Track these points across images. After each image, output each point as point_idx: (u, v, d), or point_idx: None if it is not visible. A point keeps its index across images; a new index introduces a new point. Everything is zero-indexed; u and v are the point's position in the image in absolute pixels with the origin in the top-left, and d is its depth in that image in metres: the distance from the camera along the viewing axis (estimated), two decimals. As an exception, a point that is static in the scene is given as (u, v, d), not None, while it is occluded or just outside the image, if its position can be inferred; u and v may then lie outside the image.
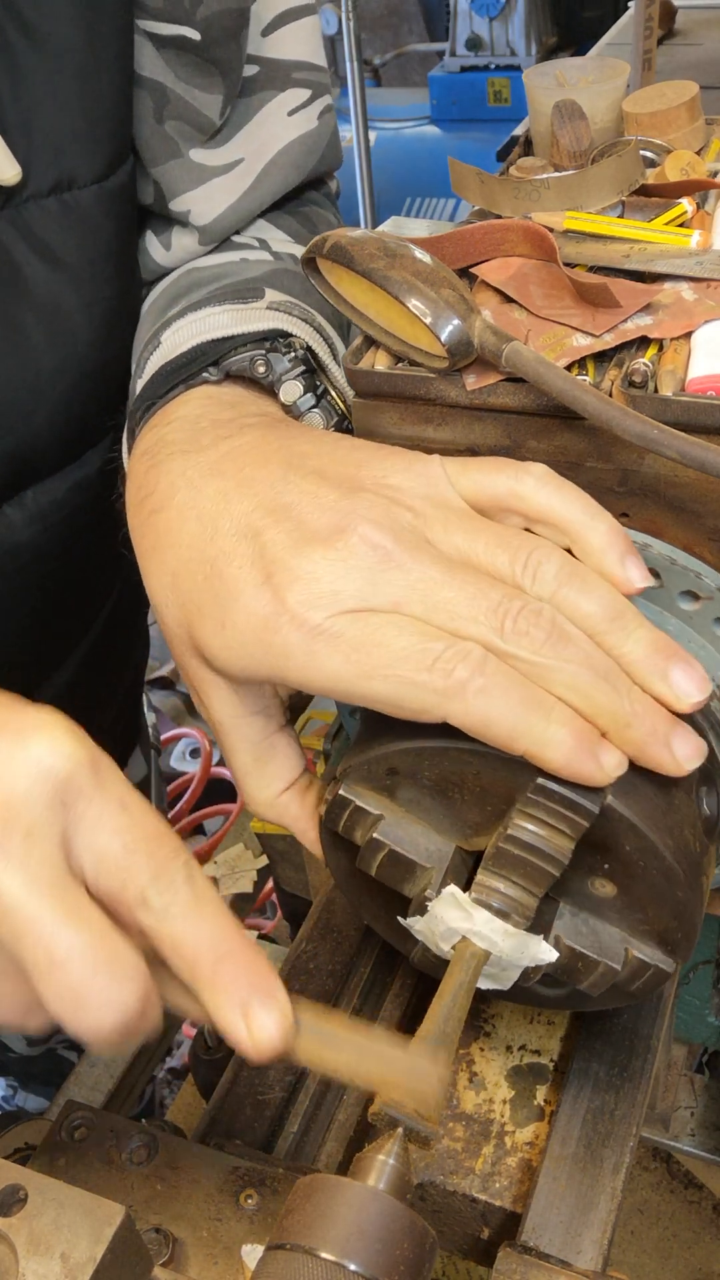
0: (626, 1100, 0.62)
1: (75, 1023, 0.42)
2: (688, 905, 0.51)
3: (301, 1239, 0.42)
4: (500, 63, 3.73)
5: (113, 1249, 0.42)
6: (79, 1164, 0.55)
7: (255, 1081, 0.66)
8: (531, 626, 0.46)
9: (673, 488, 0.54)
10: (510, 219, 0.61)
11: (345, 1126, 0.64)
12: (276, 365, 0.61)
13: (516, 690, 0.45)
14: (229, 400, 0.60)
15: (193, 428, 0.57)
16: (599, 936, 0.53)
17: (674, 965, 0.53)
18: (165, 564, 0.52)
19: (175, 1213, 0.53)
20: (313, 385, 0.62)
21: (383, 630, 0.46)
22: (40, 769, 0.43)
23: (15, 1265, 0.41)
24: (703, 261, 0.57)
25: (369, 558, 0.46)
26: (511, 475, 0.50)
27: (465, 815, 0.53)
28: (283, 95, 0.78)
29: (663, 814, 0.50)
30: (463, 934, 0.53)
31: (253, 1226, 0.52)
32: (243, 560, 0.48)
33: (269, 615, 0.47)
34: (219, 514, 0.50)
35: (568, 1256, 0.55)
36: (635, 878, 0.51)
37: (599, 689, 0.46)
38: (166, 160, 0.75)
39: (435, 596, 0.46)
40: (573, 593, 0.47)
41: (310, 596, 0.46)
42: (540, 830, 0.49)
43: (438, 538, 0.48)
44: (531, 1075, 0.65)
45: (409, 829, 0.53)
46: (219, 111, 0.74)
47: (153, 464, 0.56)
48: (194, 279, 0.73)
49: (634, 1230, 1.01)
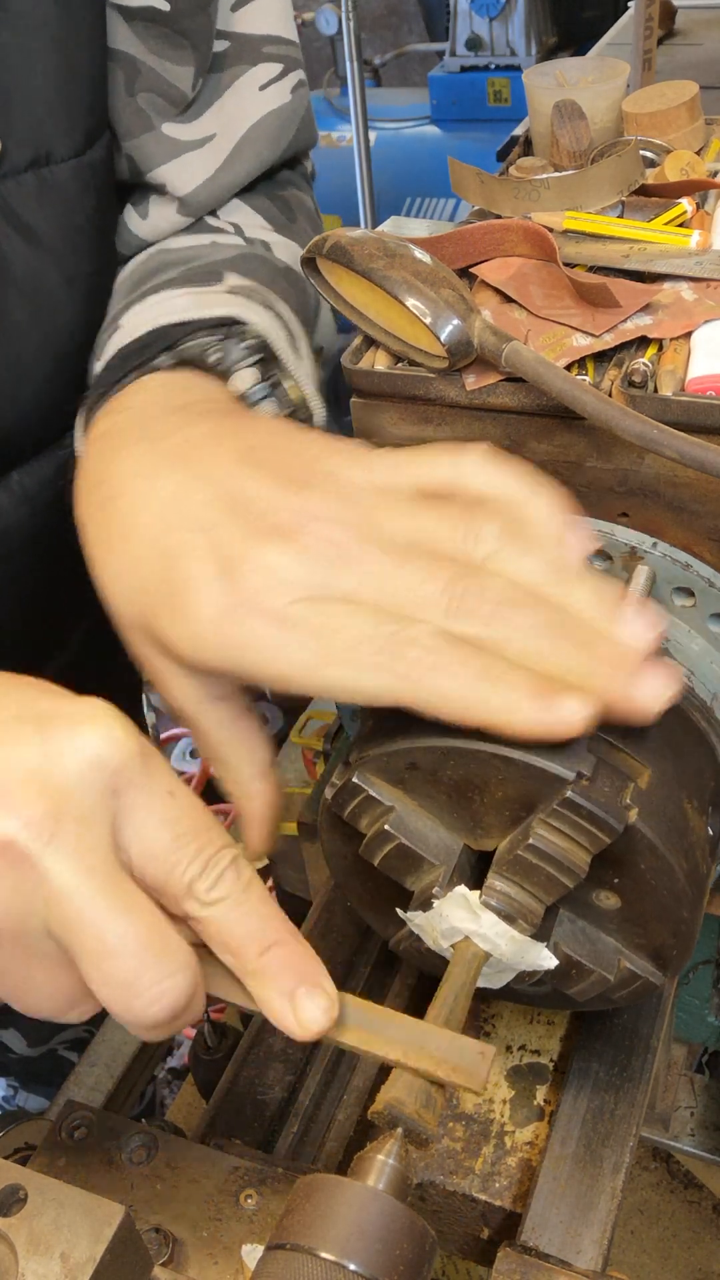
0: (626, 1100, 0.62)
1: (126, 1012, 0.43)
2: (690, 925, 0.51)
3: (301, 1239, 0.42)
4: (500, 63, 3.72)
5: (112, 1249, 0.42)
6: (79, 1164, 0.55)
7: (255, 1081, 0.66)
8: (479, 602, 0.46)
9: (673, 488, 0.54)
10: (510, 219, 0.61)
11: (345, 1126, 0.64)
12: (230, 353, 0.62)
13: (467, 664, 0.45)
14: (181, 386, 0.59)
15: (144, 415, 0.57)
16: (595, 946, 0.54)
17: (663, 980, 0.54)
18: (118, 554, 0.52)
19: (175, 1213, 0.53)
20: (268, 374, 0.62)
21: (339, 617, 0.46)
22: (92, 758, 0.43)
23: (15, 1265, 0.41)
24: (702, 261, 0.57)
25: (324, 552, 0.47)
26: (452, 460, 0.51)
27: (480, 816, 0.52)
28: (254, 70, 0.78)
29: (680, 835, 0.50)
30: (466, 934, 0.53)
31: (253, 1226, 0.52)
32: (200, 552, 0.48)
33: (228, 606, 0.47)
34: (174, 506, 0.50)
35: (568, 1256, 0.55)
36: (643, 895, 0.51)
37: (555, 647, 0.46)
38: (140, 134, 0.75)
39: (387, 584, 0.47)
40: (515, 551, 0.48)
41: (269, 585, 0.47)
42: (561, 842, 0.49)
43: (386, 525, 0.49)
44: (531, 1075, 0.65)
45: (420, 823, 0.53)
46: (191, 84, 0.74)
47: (104, 452, 0.56)
48: (162, 260, 0.73)
49: (634, 1230, 1.01)
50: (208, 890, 0.45)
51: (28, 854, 0.41)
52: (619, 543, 0.56)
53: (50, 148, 0.69)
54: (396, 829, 0.52)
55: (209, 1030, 0.90)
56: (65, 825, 0.42)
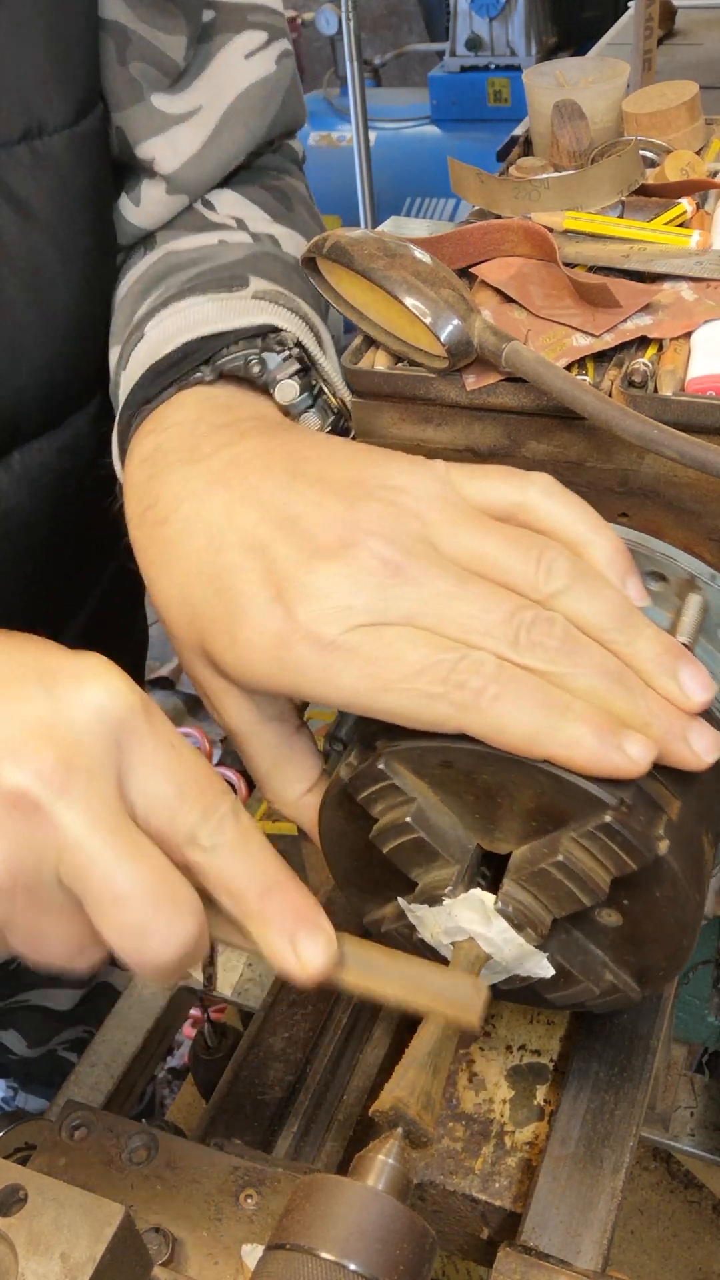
0: (626, 1100, 0.62)
1: (135, 957, 0.43)
2: (686, 953, 0.52)
3: (301, 1239, 0.42)
4: (500, 63, 3.72)
5: (112, 1249, 0.42)
6: (79, 1164, 0.55)
7: (255, 1081, 0.66)
8: (545, 636, 0.46)
9: (673, 488, 0.54)
10: (510, 219, 0.61)
11: (345, 1126, 0.64)
12: (270, 363, 0.61)
13: (531, 695, 0.45)
14: (225, 403, 0.59)
15: (191, 433, 0.56)
16: (586, 957, 0.54)
17: (640, 996, 0.54)
18: (173, 578, 0.52)
19: (175, 1213, 0.53)
20: (308, 384, 0.62)
21: (396, 644, 0.46)
22: (97, 711, 0.44)
23: (15, 1265, 0.41)
24: (702, 261, 0.57)
25: (379, 572, 0.47)
26: (517, 486, 0.50)
27: (501, 820, 0.52)
28: (239, 37, 0.77)
29: (699, 868, 0.51)
30: (472, 935, 0.53)
31: (253, 1226, 0.52)
32: (252, 575, 0.48)
33: (282, 632, 0.47)
34: (226, 527, 0.50)
35: (568, 1256, 0.55)
36: (650, 919, 0.51)
37: (613, 692, 0.46)
38: (130, 105, 0.74)
39: (448, 609, 0.46)
40: (585, 592, 0.48)
41: (322, 612, 0.46)
42: (588, 861, 0.49)
43: (445, 542, 0.48)
44: (531, 1075, 0.65)
45: (439, 819, 0.53)
46: (182, 53, 0.74)
47: (153, 473, 0.56)
48: (171, 262, 0.72)
49: (634, 1230, 1.01)
50: (209, 836, 0.45)
51: (39, 804, 0.42)
52: (679, 568, 0.55)
53: (42, 118, 0.68)
54: (417, 822, 0.52)
55: (209, 1030, 0.90)
56: (75, 776, 0.42)
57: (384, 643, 0.46)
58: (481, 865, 0.54)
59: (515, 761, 0.49)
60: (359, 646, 0.46)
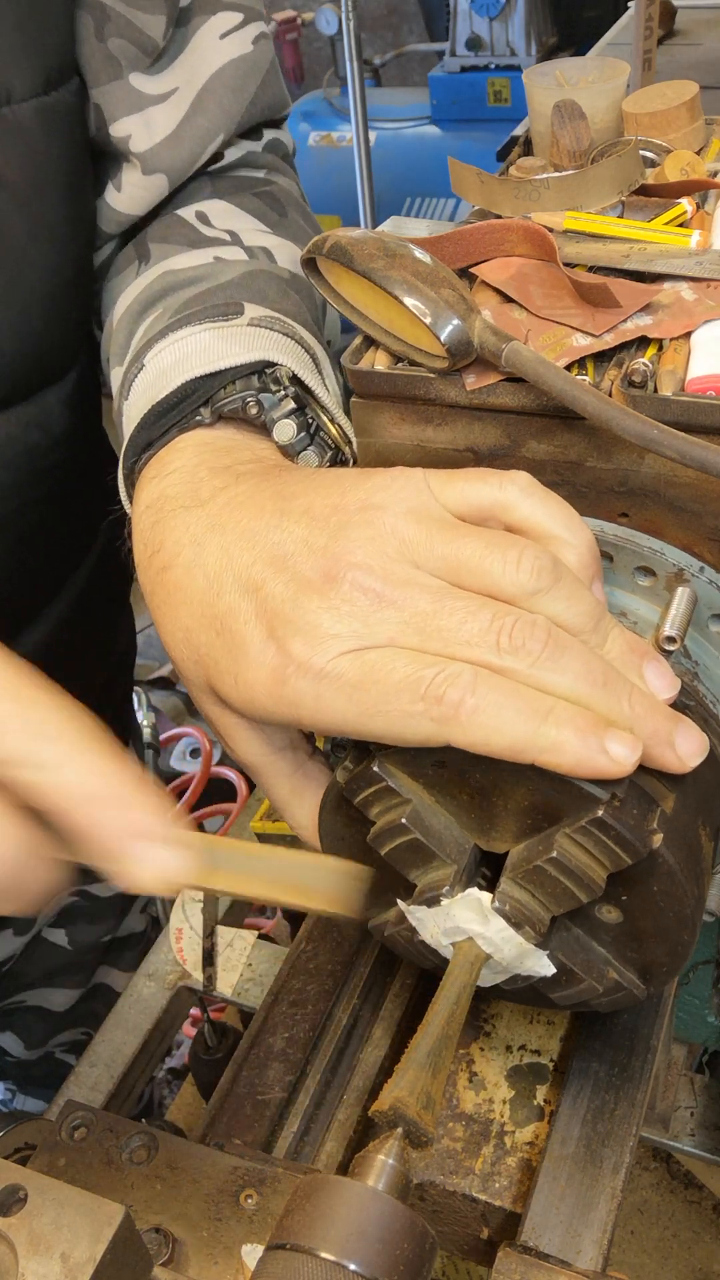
0: (626, 1100, 0.62)
1: None
2: (687, 948, 0.52)
3: (301, 1239, 0.42)
4: (500, 63, 3.72)
5: (113, 1249, 0.42)
6: (79, 1164, 0.55)
7: (255, 1081, 0.66)
8: (527, 639, 0.47)
9: (672, 488, 0.54)
10: (510, 219, 0.61)
11: (345, 1126, 0.64)
12: (267, 403, 0.61)
13: (511, 702, 0.46)
14: (224, 446, 0.60)
15: (191, 479, 0.58)
16: (588, 955, 0.54)
17: (645, 993, 0.54)
18: (178, 621, 0.54)
19: (175, 1213, 0.53)
20: (305, 422, 0.62)
21: (379, 666, 0.47)
22: None
23: (15, 1265, 0.41)
24: (702, 261, 0.57)
25: (361, 600, 0.48)
26: (495, 485, 0.51)
27: (496, 819, 0.52)
28: (213, 19, 0.78)
29: (695, 861, 0.51)
30: (470, 935, 0.53)
31: (253, 1226, 0.52)
32: (247, 615, 0.50)
33: (276, 667, 0.48)
34: (223, 570, 0.52)
35: (568, 1256, 0.55)
36: (649, 915, 0.51)
37: (597, 695, 0.47)
38: (108, 81, 0.75)
39: (429, 626, 0.47)
40: (564, 593, 0.48)
41: (311, 644, 0.48)
42: (582, 858, 0.49)
43: (425, 557, 0.49)
44: (531, 1075, 0.65)
45: (435, 820, 0.53)
46: (162, 33, 0.75)
47: (157, 520, 0.57)
48: (168, 282, 0.72)
49: (634, 1230, 1.01)
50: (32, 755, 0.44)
51: None
52: (667, 562, 0.56)
53: (10, 85, 0.69)
54: (413, 823, 0.52)
55: (209, 1030, 0.90)
56: None
57: (368, 666, 0.47)
58: (481, 865, 0.54)
59: (498, 762, 0.49)
60: (345, 672, 0.47)
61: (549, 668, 0.46)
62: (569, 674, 0.46)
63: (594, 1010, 0.56)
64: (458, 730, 0.46)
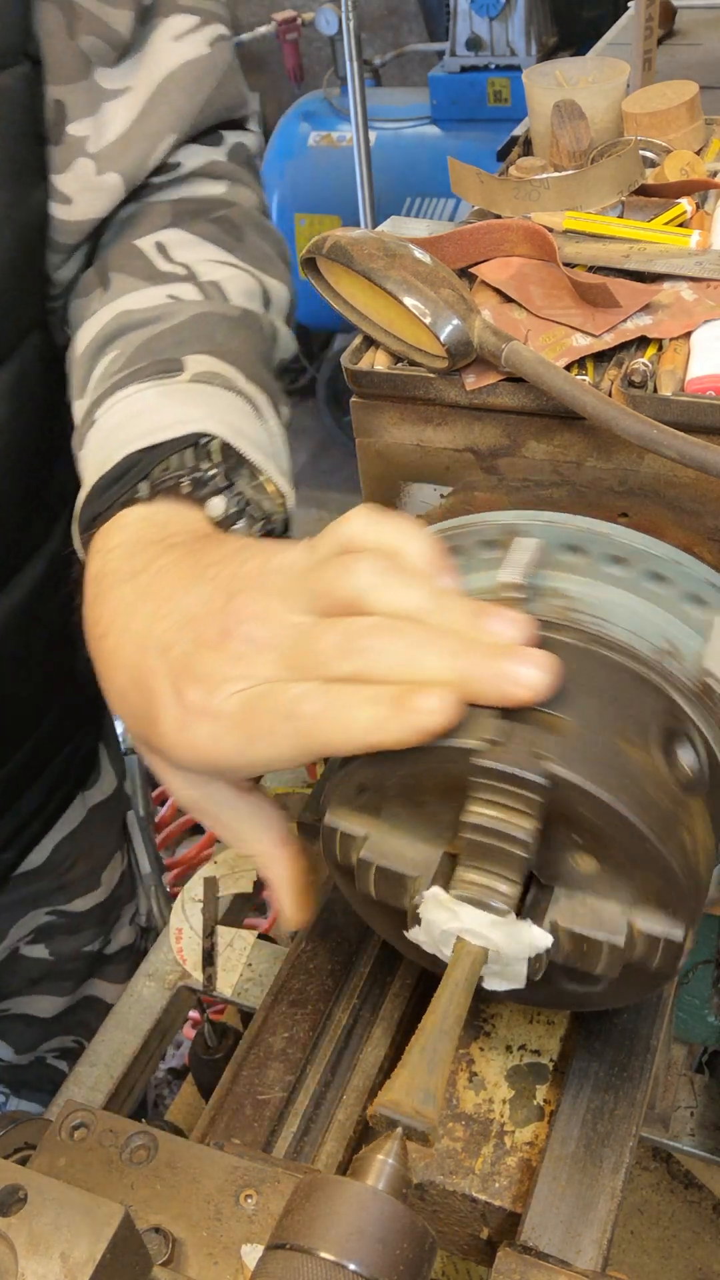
0: (626, 1100, 0.62)
1: None
2: (670, 861, 0.50)
3: (301, 1239, 0.42)
4: (500, 63, 3.72)
5: (112, 1249, 0.42)
6: (79, 1164, 0.55)
7: (255, 1081, 0.66)
8: (355, 638, 0.51)
9: (672, 488, 0.54)
10: (510, 219, 0.61)
11: (345, 1126, 0.64)
12: (201, 479, 0.66)
13: (349, 699, 0.50)
14: (161, 520, 0.65)
15: (128, 554, 0.63)
16: (598, 914, 0.52)
17: (683, 930, 0.51)
18: (115, 682, 0.59)
19: (175, 1213, 0.53)
20: (235, 497, 0.67)
21: (257, 699, 0.52)
22: None
23: (15, 1265, 0.41)
24: (702, 261, 0.57)
25: (249, 650, 0.53)
26: (343, 526, 0.56)
27: (440, 817, 0.52)
28: (169, 21, 0.80)
29: (616, 772, 0.50)
30: (456, 934, 0.53)
31: (253, 1226, 0.52)
32: (160, 674, 0.55)
33: (181, 715, 0.54)
34: (146, 634, 0.57)
35: (568, 1256, 0.55)
36: (608, 844, 0.50)
37: (427, 660, 0.50)
38: (76, 80, 0.76)
39: (294, 656, 0.52)
40: (396, 583, 0.52)
41: (205, 691, 0.53)
42: (499, 814, 0.49)
43: (301, 602, 0.54)
44: (531, 1075, 0.65)
45: (394, 843, 0.54)
46: (129, 27, 0.76)
47: (98, 593, 0.62)
48: (124, 322, 0.76)
49: (634, 1230, 1.01)
50: None
51: None
52: None
53: None
54: (371, 854, 0.53)
55: (209, 1030, 0.90)
56: None
57: (249, 701, 0.52)
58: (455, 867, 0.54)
59: (391, 756, 0.50)
60: (233, 710, 0.52)
61: (373, 656, 0.50)
62: (389, 654, 0.50)
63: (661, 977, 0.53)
64: (316, 740, 0.50)
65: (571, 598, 0.57)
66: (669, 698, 0.54)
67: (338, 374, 3.94)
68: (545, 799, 0.48)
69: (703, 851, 0.53)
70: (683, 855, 0.51)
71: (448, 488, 0.61)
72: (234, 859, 1.01)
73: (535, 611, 0.55)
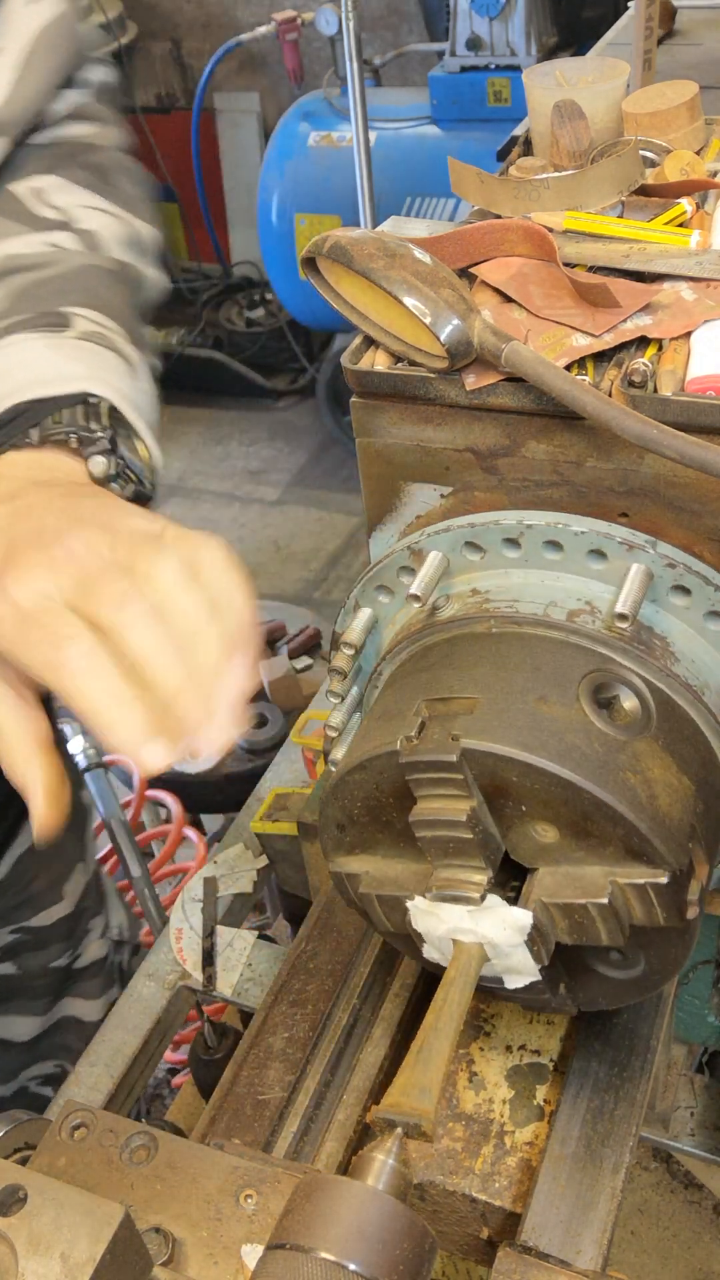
0: (626, 1100, 0.62)
1: None
2: (613, 805, 0.50)
3: (301, 1239, 0.42)
4: (500, 63, 3.72)
5: (112, 1249, 0.42)
6: (79, 1164, 0.55)
7: (255, 1081, 0.66)
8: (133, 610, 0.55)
9: (673, 488, 0.54)
10: (510, 219, 0.61)
11: (345, 1126, 0.64)
12: (87, 438, 0.71)
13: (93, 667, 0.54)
14: (47, 465, 0.71)
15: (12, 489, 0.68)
16: (579, 881, 0.53)
17: (663, 872, 0.51)
18: None
19: (175, 1213, 0.53)
20: (116, 460, 0.72)
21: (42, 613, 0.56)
22: None
23: (15, 1265, 0.41)
24: (702, 261, 0.57)
25: (63, 557, 0.58)
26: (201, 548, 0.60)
27: (410, 830, 0.53)
28: None
29: (533, 730, 0.51)
30: (447, 936, 0.53)
31: (253, 1226, 0.52)
32: None
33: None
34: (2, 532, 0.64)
35: (567, 1256, 0.55)
36: (548, 804, 0.51)
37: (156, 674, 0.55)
38: None
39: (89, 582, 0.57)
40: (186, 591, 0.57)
41: (13, 578, 0.58)
42: (438, 804, 0.50)
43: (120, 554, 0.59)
44: (531, 1075, 0.64)
45: (387, 870, 0.55)
46: None
47: None
48: (10, 265, 0.80)
49: (634, 1230, 1.01)
50: None
51: None
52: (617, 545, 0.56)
53: None
54: (370, 887, 0.55)
55: (209, 1030, 0.90)
56: None
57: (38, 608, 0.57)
58: None
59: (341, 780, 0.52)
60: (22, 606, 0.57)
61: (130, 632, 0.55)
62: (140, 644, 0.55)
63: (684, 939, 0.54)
64: (61, 680, 0.55)
65: (483, 591, 0.59)
66: (593, 652, 0.55)
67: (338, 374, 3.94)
68: (472, 775, 0.50)
69: (661, 787, 0.52)
70: (631, 796, 0.50)
71: (448, 488, 0.61)
72: (234, 859, 1.01)
73: (451, 614, 0.58)
